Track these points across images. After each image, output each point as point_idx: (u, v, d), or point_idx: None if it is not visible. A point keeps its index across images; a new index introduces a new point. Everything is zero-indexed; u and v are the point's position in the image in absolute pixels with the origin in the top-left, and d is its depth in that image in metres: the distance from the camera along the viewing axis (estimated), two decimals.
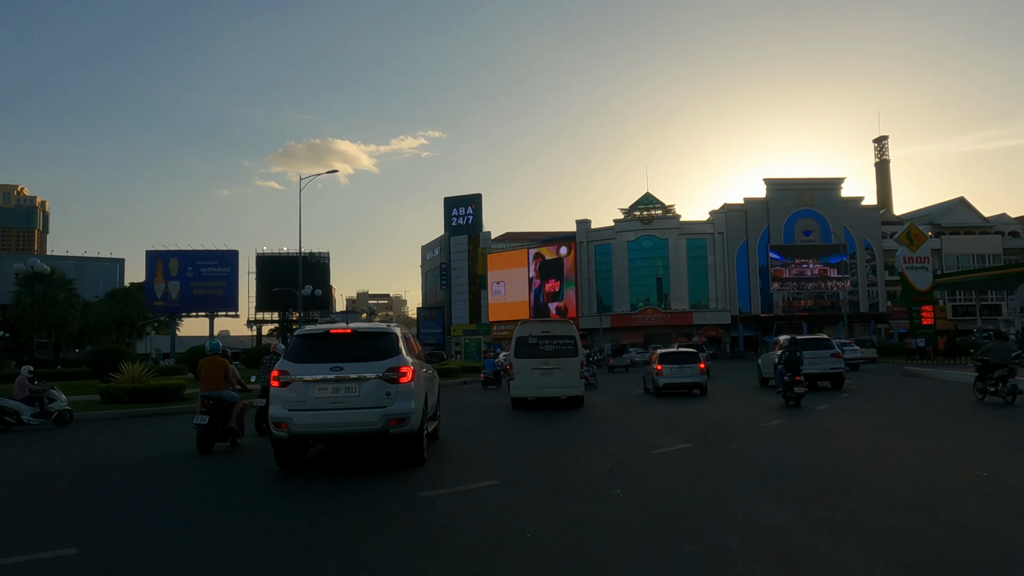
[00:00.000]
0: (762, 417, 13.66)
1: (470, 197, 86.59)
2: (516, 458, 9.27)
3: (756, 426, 12.25)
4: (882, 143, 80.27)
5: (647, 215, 69.88)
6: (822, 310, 67.55)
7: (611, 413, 15.63)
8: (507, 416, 15.30)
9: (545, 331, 16.87)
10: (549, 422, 13.64)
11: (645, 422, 13.69)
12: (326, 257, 78.03)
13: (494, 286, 78.53)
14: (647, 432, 11.95)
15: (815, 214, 68.31)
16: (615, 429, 12.61)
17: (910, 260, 41.56)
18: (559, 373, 16.29)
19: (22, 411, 14.87)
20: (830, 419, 13.24)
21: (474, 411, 16.82)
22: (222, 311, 75.94)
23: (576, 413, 15.27)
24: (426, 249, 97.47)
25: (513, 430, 12.77)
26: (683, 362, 19.88)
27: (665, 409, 15.89)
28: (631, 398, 19.89)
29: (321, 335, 8.57)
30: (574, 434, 11.84)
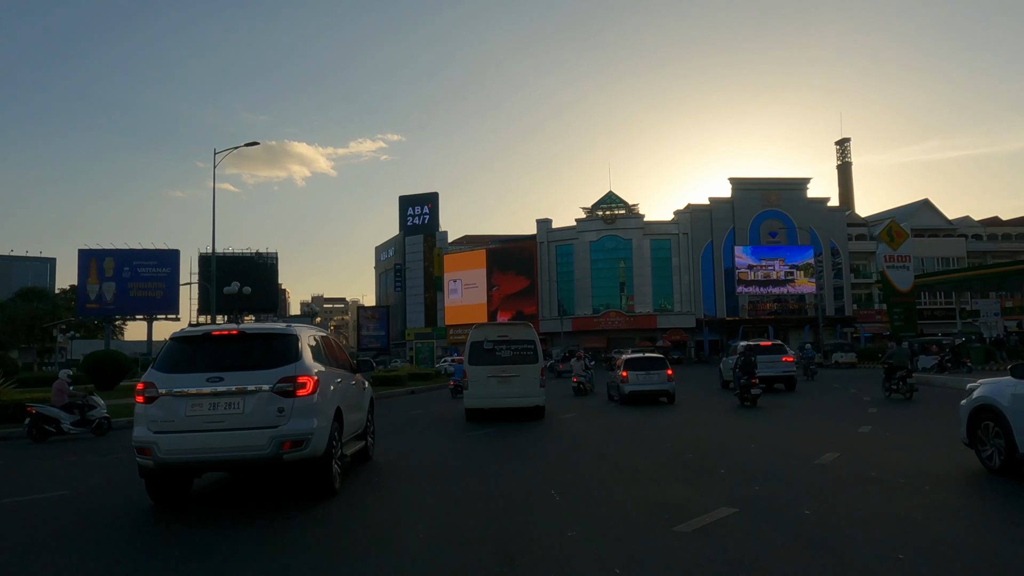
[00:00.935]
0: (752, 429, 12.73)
1: (426, 196, 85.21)
2: (454, 508, 6.77)
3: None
4: (844, 145, 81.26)
5: (610, 214, 69.28)
6: (789, 313, 67.74)
7: (580, 431, 13.57)
8: (457, 432, 13.78)
9: (502, 335, 15.95)
10: (506, 445, 11.51)
11: (632, 449, 10.70)
12: (274, 258, 75.83)
13: (450, 288, 77.31)
14: (646, 471, 8.57)
15: (781, 215, 68.52)
16: (596, 463, 9.35)
17: (891, 259, 40.83)
18: (518, 381, 15.34)
19: (62, 419, 14.43)
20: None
21: (421, 426, 15.28)
22: (162, 314, 73.31)
23: (540, 431, 13.49)
24: (380, 250, 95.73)
25: (458, 457, 10.42)
26: (650, 368, 19.43)
27: (642, 423, 14.29)
28: (595, 408, 18.82)
29: (200, 337, 7.16)
30: (540, 475, 8.41)
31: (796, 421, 14.37)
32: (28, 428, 14.22)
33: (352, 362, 9.32)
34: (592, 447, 11.09)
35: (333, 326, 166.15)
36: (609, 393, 21.53)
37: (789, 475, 7.99)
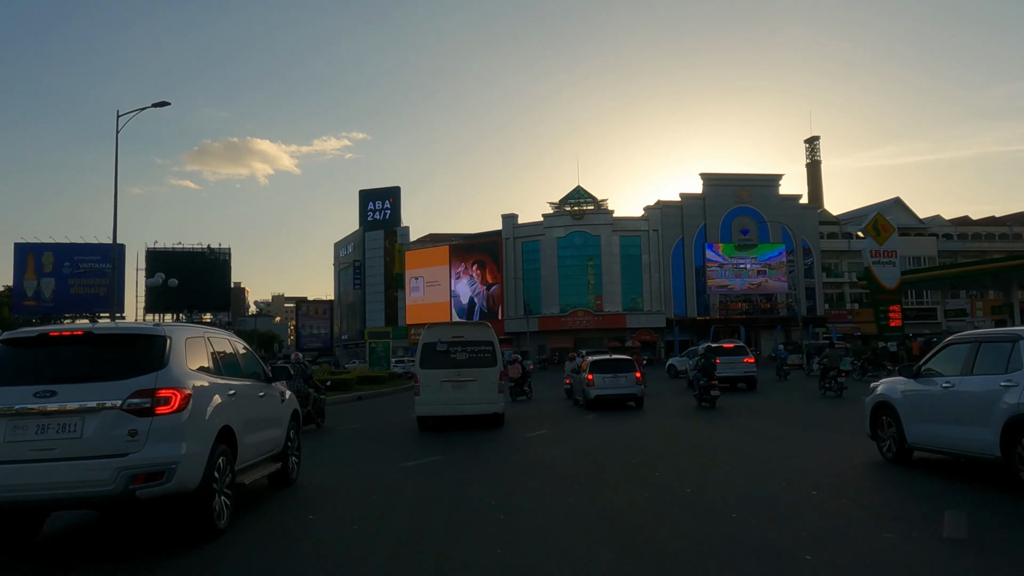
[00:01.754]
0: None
1: (388, 190, 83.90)
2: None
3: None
4: (813, 144, 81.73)
5: (578, 210, 68.64)
6: (760, 312, 67.70)
7: (556, 458, 10.40)
8: (407, 444, 12.41)
9: (457, 336, 14.98)
10: (459, 480, 8.78)
11: (627, 484, 8.19)
12: (226, 254, 73.85)
13: (412, 285, 76.16)
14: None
15: (753, 212, 68.58)
16: (584, 511, 6.91)
17: (877, 254, 39.38)
18: (474, 386, 14.38)
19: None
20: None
21: (359, 442, 13.40)
22: (105, 312, 70.85)
23: (502, 448, 11.58)
24: (339, 246, 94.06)
25: (412, 477, 8.91)
26: (617, 371, 18.79)
27: (623, 439, 12.21)
28: (559, 412, 18.07)
29: (32, 340, 5.86)
30: (505, 525, 6.36)
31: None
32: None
33: (266, 370, 8.10)
34: (575, 481, 8.44)
35: (293, 326, 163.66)
36: (574, 397, 20.97)
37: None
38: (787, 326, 66.05)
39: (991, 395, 7.25)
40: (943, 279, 47.17)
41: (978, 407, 7.43)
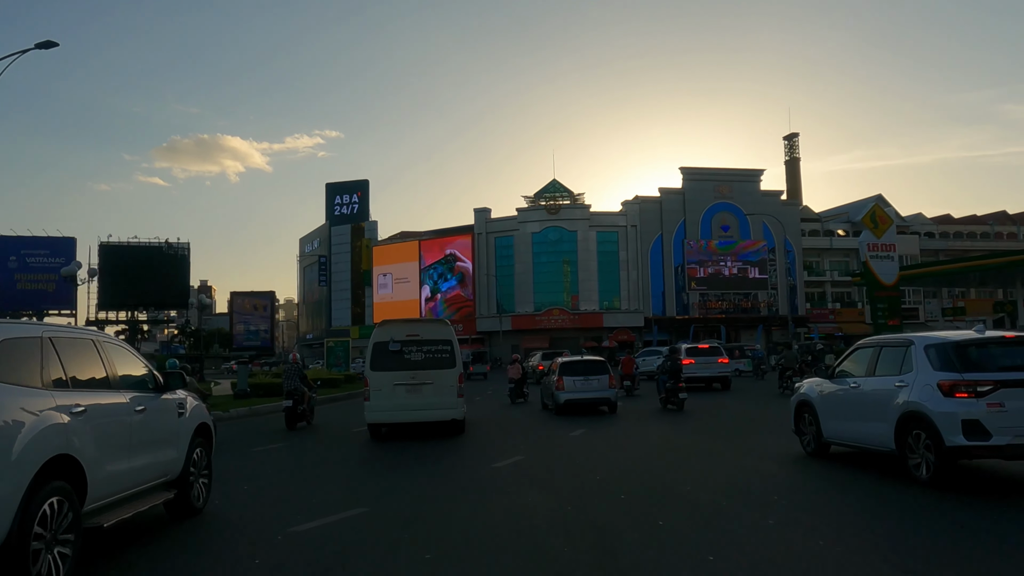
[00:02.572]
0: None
1: (356, 184, 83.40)
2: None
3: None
4: (792, 141, 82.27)
5: (554, 204, 68.68)
6: (741, 312, 68.09)
7: (534, 513, 7.09)
8: (326, 480, 9.68)
9: (412, 334, 14.11)
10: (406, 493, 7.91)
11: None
12: (185, 248, 72.78)
13: (380, 282, 75.93)
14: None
15: (733, 208, 69.07)
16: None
17: (875, 247, 38.64)
18: (430, 390, 13.58)
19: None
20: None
21: (301, 450, 12.40)
22: (54, 309, 69.73)
23: (459, 493, 8.31)
24: (304, 241, 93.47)
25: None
26: (589, 373, 18.15)
27: (621, 463, 10.08)
28: (530, 423, 16.76)
29: None
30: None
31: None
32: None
33: (158, 378, 6.92)
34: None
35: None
36: (543, 401, 20.38)
37: None
38: (768, 326, 66.25)
39: (888, 394, 8.20)
40: (941, 275, 46.33)
41: (877, 405, 8.38)
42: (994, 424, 7.04)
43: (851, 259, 73.15)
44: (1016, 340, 7.91)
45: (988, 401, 7.12)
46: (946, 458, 7.25)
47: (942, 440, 7.22)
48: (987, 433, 7.04)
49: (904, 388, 7.90)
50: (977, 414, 7.10)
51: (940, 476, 7.35)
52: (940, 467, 7.33)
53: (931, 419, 7.37)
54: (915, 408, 7.62)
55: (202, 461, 7.54)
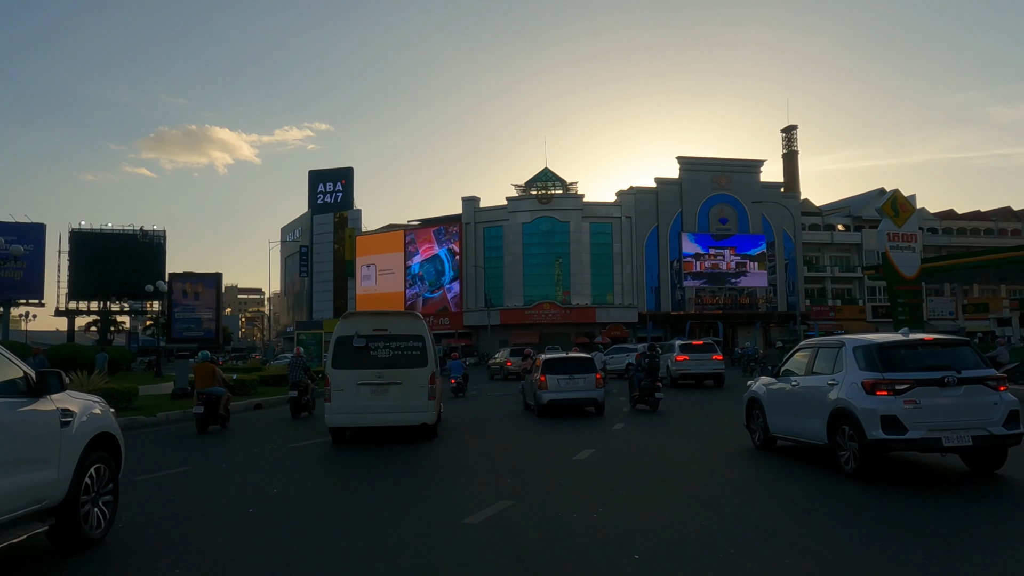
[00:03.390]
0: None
1: (340, 171, 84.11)
2: None
3: None
4: (791, 133, 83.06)
5: (545, 193, 69.21)
6: (739, 308, 69.06)
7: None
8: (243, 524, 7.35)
9: (379, 328, 13.42)
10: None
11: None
12: (161, 237, 73.24)
13: (363, 273, 76.78)
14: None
15: (732, 200, 69.92)
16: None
17: (895, 237, 37.36)
18: (398, 391, 12.93)
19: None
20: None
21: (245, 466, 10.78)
22: (22, 298, 70.00)
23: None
24: (286, 231, 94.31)
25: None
26: (574, 372, 17.76)
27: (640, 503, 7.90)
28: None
29: None
30: None
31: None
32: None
33: (31, 377, 5.79)
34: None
35: (244, 319, 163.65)
36: (525, 401, 20.01)
37: None
38: (767, 323, 67.28)
39: (821, 392, 9.22)
40: (967, 268, 44.11)
41: (813, 402, 9.40)
42: (910, 419, 8.03)
43: (851, 254, 74.29)
44: (933, 342, 8.96)
45: (905, 398, 8.11)
46: (868, 451, 8.23)
47: (864, 434, 8.20)
48: (903, 428, 8.03)
49: (835, 386, 8.91)
50: (895, 410, 8.08)
51: (864, 468, 8.34)
52: (864, 460, 8.32)
53: (855, 415, 8.36)
54: (843, 405, 8.62)
55: (102, 480, 6.29)
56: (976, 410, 8.11)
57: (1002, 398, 8.23)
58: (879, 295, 71.06)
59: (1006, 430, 8.09)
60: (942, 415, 8.07)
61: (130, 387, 19.54)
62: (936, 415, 8.06)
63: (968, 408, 8.12)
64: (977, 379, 8.23)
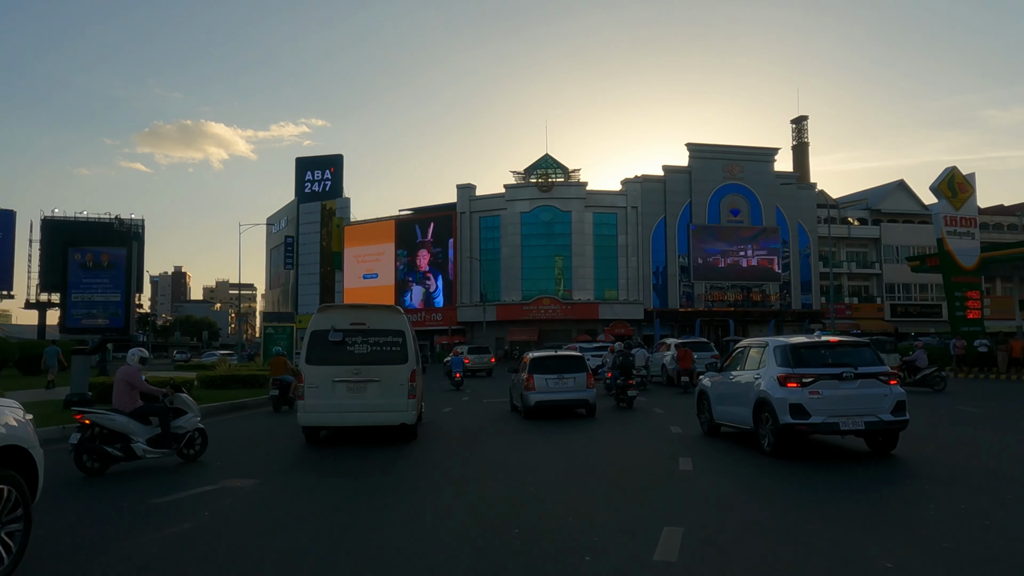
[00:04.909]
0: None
1: (328, 159, 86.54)
2: None
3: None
4: (801, 124, 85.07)
5: (546, 181, 70.46)
6: (751, 305, 70.99)
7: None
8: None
9: (357, 322, 13.81)
10: None
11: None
12: (139, 226, 75.73)
13: (353, 266, 78.95)
14: None
15: (744, 190, 71.86)
16: None
17: (953, 221, 35.68)
18: (375, 389, 13.29)
19: (134, 435, 10.77)
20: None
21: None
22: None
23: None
24: (272, 221, 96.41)
25: None
26: (564, 371, 18.34)
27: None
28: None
29: None
30: None
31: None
32: (78, 453, 10.39)
33: None
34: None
35: (233, 314, 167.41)
36: (512, 403, 20.63)
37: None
38: (780, 321, 69.47)
39: (749, 385, 11.98)
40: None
41: (744, 393, 12.15)
42: (813, 407, 10.75)
43: (869, 249, 76.76)
44: (837, 344, 11.74)
45: (810, 390, 10.82)
46: (781, 433, 10.94)
47: (777, 419, 10.92)
48: (808, 414, 10.74)
49: (759, 380, 11.66)
50: (801, 399, 10.79)
51: (778, 448, 11.06)
52: (778, 441, 11.03)
53: (771, 403, 11.08)
54: (763, 395, 11.34)
55: (5, 505, 5.62)
56: (869, 400, 10.82)
57: (891, 391, 10.93)
58: (898, 293, 73.74)
59: (893, 417, 10.80)
60: (840, 404, 10.77)
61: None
62: (835, 404, 10.76)
63: (862, 398, 10.82)
64: (871, 375, 10.97)
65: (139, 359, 11.60)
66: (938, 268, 38.95)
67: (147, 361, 11.88)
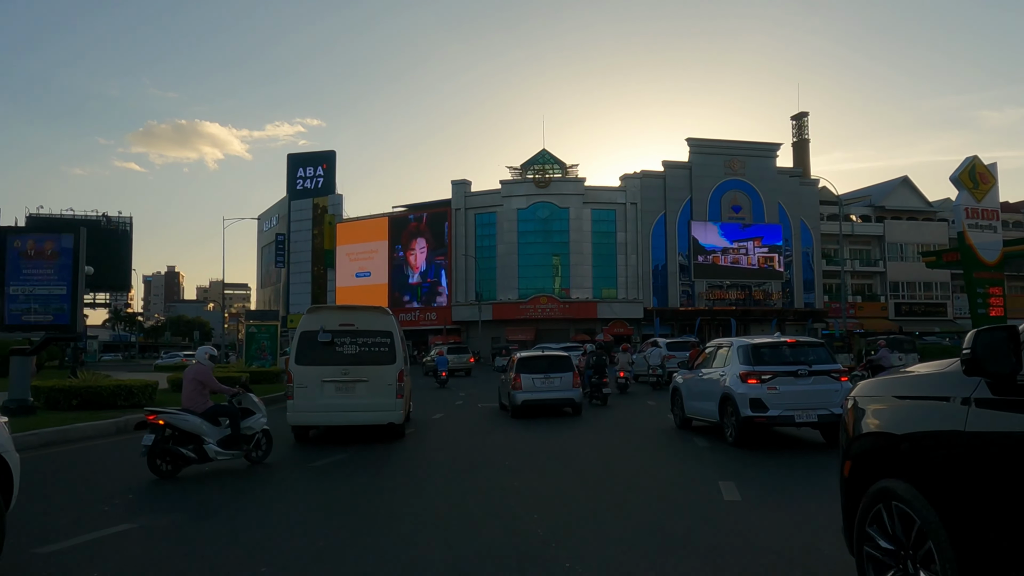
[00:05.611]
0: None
1: (321, 155, 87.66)
2: None
3: None
4: (801, 121, 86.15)
5: (543, 176, 71.46)
6: (753, 304, 72.18)
7: None
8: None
9: (346, 323, 14.66)
10: None
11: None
12: (127, 224, 76.19)
13: (345, 264, 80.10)
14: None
15: (746, 186, 73.07)
16: None
17: (974, 214, 35.32)
18: (364, 389, 14.02)
19: (206, 436, 10.78)
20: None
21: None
22: None
23: None
24: (263, 219, 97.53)
25: None
26: (550, 371, 19.48)
27: None
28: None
29: None
30: None
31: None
32: (151, 455, 10.32)
33: None
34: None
35: (227, 314, 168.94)
36: (500, 402, 21.79)
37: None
38: (783, 320, 70.74)
39: (715, 382, 13.53)
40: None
41: (711, 389, 13.71)
42: (771, 401, 12.32)
43: (873, 247, 78.10)
44: (796, 343, 13.28)
45: (768, 385, 12.38)
46: (742, 425, 12.47)
47: (739, 412, 12.45)
48: (766, 407, 12.30)
49: (724, 377, 13.22)
50: (760, 394, 12.36)
51: (740, 438, 12.58)
52: (739, 432, 12.55)
53: (734, 398, 12.63)
54: (727, 391, 12.90)
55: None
56: (822, 395, 12.35)
57: (843, 387, 12.41)
58: (902, 291, 75.11)
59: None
60: (796, 398, 12.34)
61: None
62: (791, 398, 12.32)
63: (816, 394, 12.37)
64: (824, 372, 12.58)
65: (209, 356, 11.66)
66: (956, 264, 38.36)
67: (216, 359, 12.06)
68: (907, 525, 3.78)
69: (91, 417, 16.11)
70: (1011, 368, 3.20)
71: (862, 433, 4.29)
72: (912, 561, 3.75)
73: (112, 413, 16.80)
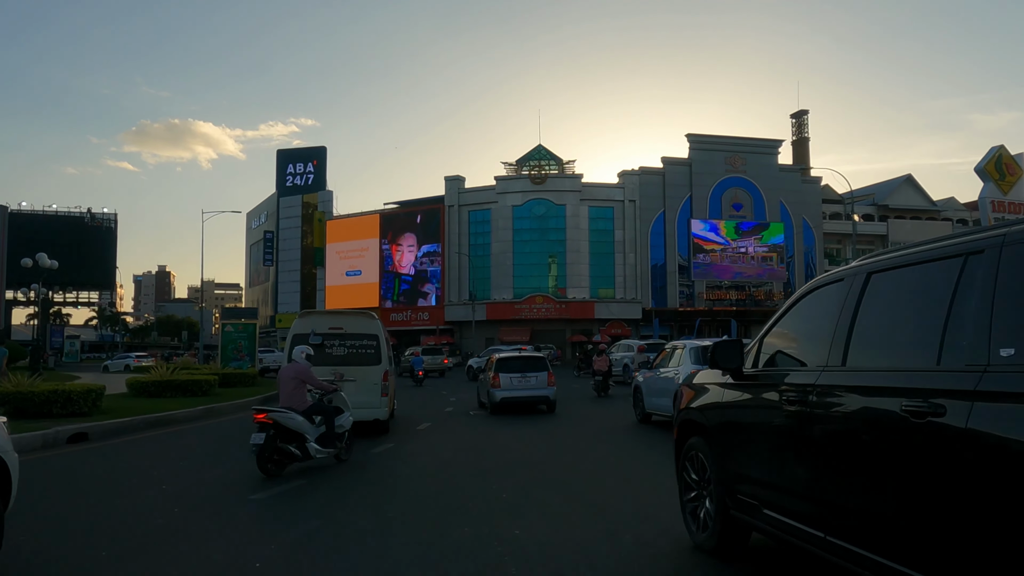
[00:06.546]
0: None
1: (311, 151, 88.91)
2: None
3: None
4: (801, 119, 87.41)
5: (539, 172, 72.41)
6: (755, 304, 73.17)
7: None
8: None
9: (335, 327, 16.33)
10: None
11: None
12: (111, 220, 77.81)
13: (336, 262, 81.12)
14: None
15: (747, 183, 74.38)
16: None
17: (1001, 207, 34.44)
18: (351, 388, 14.91)
19: (308, 434, 11.31)
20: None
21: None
22: None
23: None
24: (252, 216, 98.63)
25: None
26: (527, 370, 21.52)
27: None
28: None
29: None
30: None
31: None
32: (262, 454, 10.67)
33: None
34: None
35: (217, 314, 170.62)
36: (479, 400, 23.90)
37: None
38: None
39: (671, 379, 15.35)
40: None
41: (667, 386, 15.46)
42: None
43: (876, 246, 79.59)
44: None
45: None
46: None
47: None
48: None
49: (677, 375, 15.05)
50: None
51: None
52: None
53: None
54: (679, 388, 14.64)
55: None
56: None
57: None
58: None
59: None
60: None
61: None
62: None
63: None
64: None
65: (305, 355, 12.15)
66: None
67: (312, 357, 12.50)
68: (702, 465, 6.11)
69: (16, 429, 13.11)
70: (737, 364, 5.50)
71: (680, 407, 6.68)
72: (704, 487, 6.14)
73: (42, 424, 15.06)
